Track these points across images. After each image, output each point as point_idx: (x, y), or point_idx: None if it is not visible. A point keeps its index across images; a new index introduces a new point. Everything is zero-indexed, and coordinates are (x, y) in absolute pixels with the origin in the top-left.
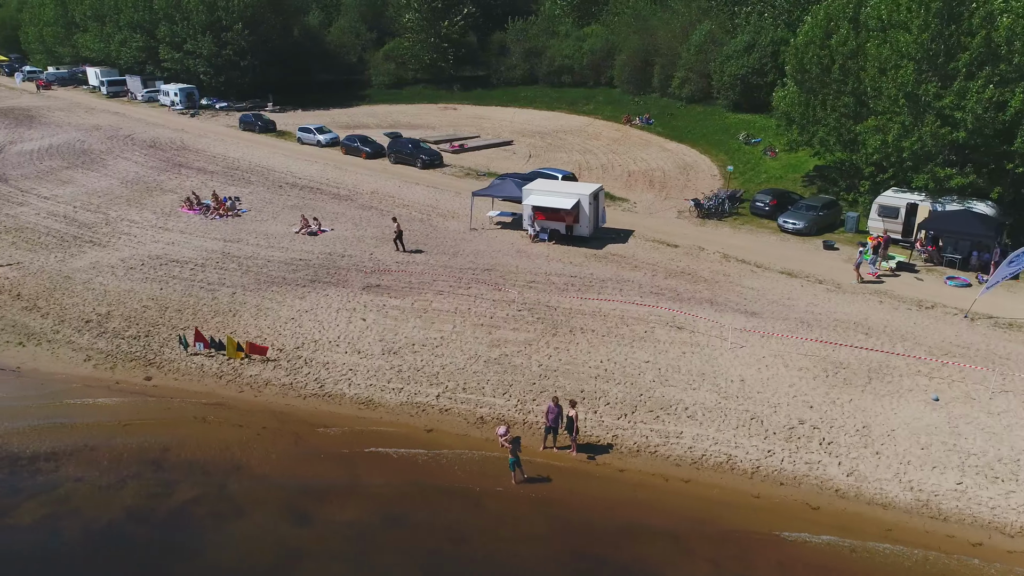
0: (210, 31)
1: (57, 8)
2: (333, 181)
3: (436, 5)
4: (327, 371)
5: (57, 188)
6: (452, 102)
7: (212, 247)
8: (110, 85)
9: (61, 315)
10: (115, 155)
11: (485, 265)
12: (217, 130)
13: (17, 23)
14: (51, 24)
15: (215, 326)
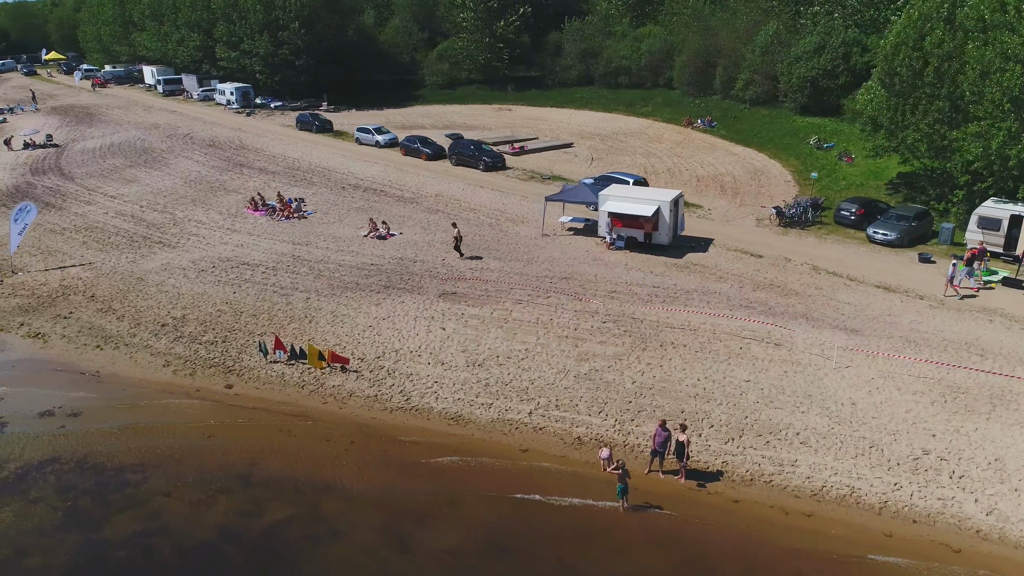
0: (267, 30)
1: (115, 7)
2: (396, 183)
3: (492, 5)
4: (412, 383)
5: (122, 187)
6: (506, 103)
7: (281, 250)
8: (166, 84)
9: (136, 318)
10: (176, 154)
11: (562, 273)
12: (274, 129)
13: (75, 22)
14: (109, 23)
15: (292, 333)
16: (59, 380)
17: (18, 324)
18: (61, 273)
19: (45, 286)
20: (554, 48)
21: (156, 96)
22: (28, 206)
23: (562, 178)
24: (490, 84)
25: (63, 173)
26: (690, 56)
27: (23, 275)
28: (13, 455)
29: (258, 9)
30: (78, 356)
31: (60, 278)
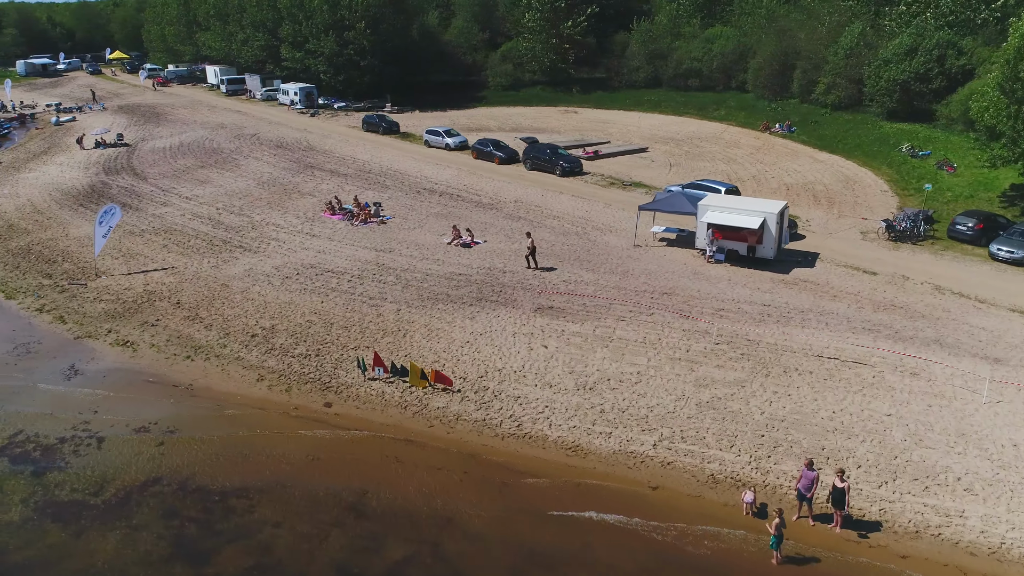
0: (332, 30)
1: (180, 7)
2: (471, 188)
3: (559, 5)
4: (521, 407)
5: (196, 188)
6: (571, 105)
7: (364, 257)
8: (229, 83)
9: (225, 327)
10: (245, 155)
11: (662, 287)
12: (339, 130)
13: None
14: (173, 23)
15: (386, 347)
16: (152, 393)
17: (106, 331)
18: (144, 277)
19: (129, 291)
20: (620, 49)
21: (219, 96)
22: (113, 209)
23: (643, 185)
24: (554, 86)
25: (136, 173)
26: (766, 58)
27: (107, 279)
28: (113, 475)
29: (324, 9)
30: (168, 367)
31: (144, 283)
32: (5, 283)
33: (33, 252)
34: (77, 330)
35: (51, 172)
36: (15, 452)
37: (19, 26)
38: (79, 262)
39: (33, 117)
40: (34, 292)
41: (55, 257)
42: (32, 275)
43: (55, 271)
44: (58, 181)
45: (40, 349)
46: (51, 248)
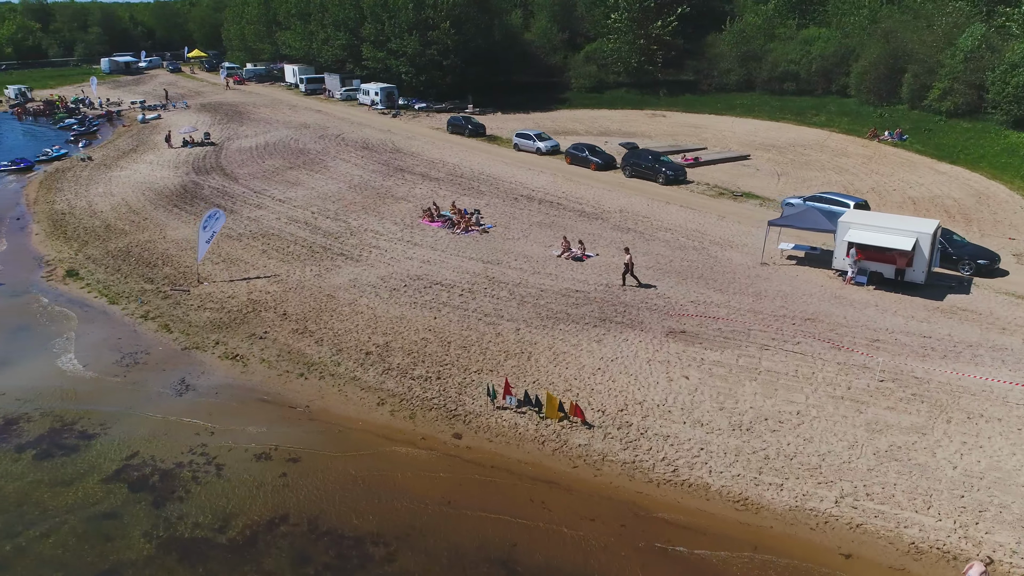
0: (416, 30)
1: (260, 6)
2: (571, 195)
3: (648, 5)
4: (673, 449)
5: (287, 190)
6: (657, 108)
7: (472, 269)
8: (308, 83)
9: (336, 343)
10: (332, 156)
11: (802, 312)
12: (423, 132)
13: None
14: (253, 22)
15: (511, 372)
16: (268, 414)
17: (213, 342)
18: (247, 285)
19: (233, 299)
20: (710, 51)
21: (298, 95)
22: (217, 213)
23: (754, 195)
24: (639, 88)
25: (226, 173)
26: (871, 61)
27: (209, 285)
28: (237, 509)
29: (409, 8)
30: (282, 385)
31: (247, 291)
32: (108, 287)
33: (132, 254)
34: (184, 340)
35: (142, 171)
36: (133, 477)
37: (103, 25)
38: (179, 266)
39: (119, 114)
40: (137, 297)
41: (155, 260)
42: (133, 279)
43: (156, 275)
44: (150, 180)
45: (148, 360)
46: (150, 251)
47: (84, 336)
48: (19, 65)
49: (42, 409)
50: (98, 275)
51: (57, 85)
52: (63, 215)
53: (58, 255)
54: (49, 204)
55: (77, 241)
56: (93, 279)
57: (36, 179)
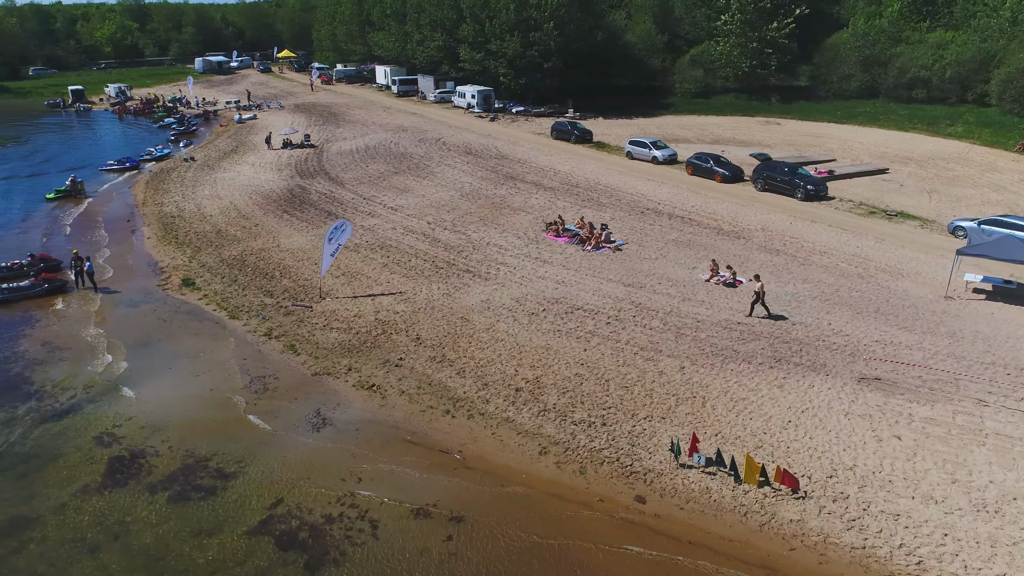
0: (518, 31)
1: (354, 7)
2: (701, 210)
3: (764, 5)
4: (909, 533)
5: (397, 197)
6: (769, 115)
7: (614, 292)
8: (401, 84)
9: (480, 375)
10: (436, 161)
11: (1016, 360)
12: (526, 137)
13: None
14: (346, 22)
15: (685, 420)
16: (417, 458)
17: (345, 368)
18: (373, 303)
19: (360, 319)
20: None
21: (390, 96)
22: (344, 225)
23: (909, 215)
24: (748, 94)
25: (331, 177)
26: (1019, 68)
27: (332, 301)
28: None
29: (510, 9)
30: (428, 424)
31: (374, 309)
32: (226, 299)
33: (248, 264)
34: (313, 364)
35: (245, 173)
36: (279, 530)
37: (196, 25)
38: (298, 279)
39: (216, 114)
40: (259, 313)
41: (271, 271)
42: (252, 291)
43: (275, 288)
44: (255, 183)
45: (278, 386)
46: (265, 260)
47: (207, 354)
48: (117, 64)
49: (170, 441)
50: (215, 285)
51: (154, 84)
52: (173, 218)
53: (171, 262)
54: (158, 206)
55: (190, 247)
56: (210, 290)
57: (142, 179)
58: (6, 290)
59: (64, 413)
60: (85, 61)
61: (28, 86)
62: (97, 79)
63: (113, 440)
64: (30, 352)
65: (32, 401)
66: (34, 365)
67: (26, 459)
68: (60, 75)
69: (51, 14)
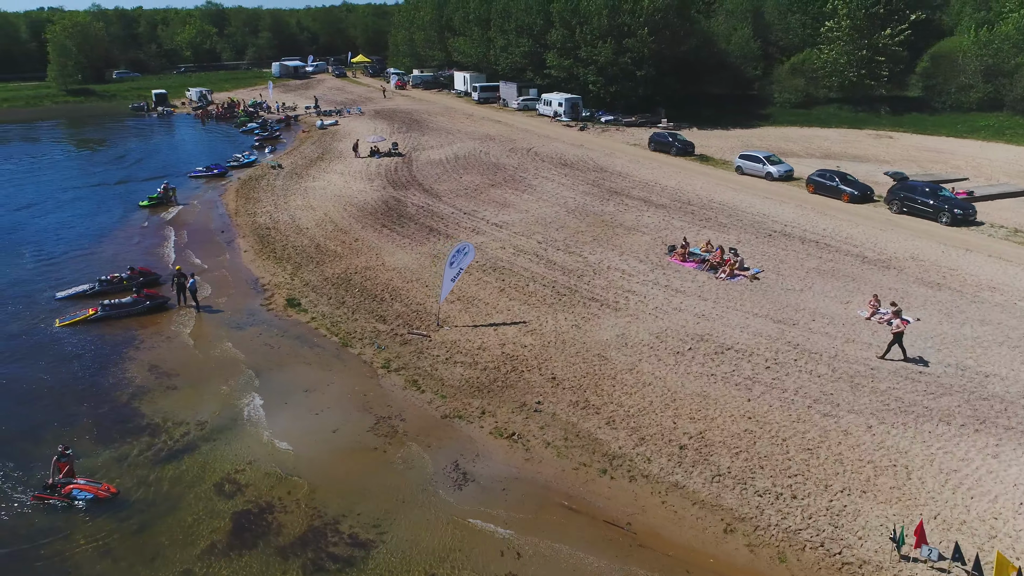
0: (611, 37)
1: (433, 12)
2: (837, 234)
3: (876, 11)
4: None
5: (499, 212)
6: (879, 128)
7: (764, 329)
8: (482, 91)
9: (634, 426)
10: (532, 173)
11: None
12: (620, 148)
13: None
14: (424, 28)
15: (891, 496)
16: (580, 530)
17: (478, 412)
18: (496, 334)
19: (485, 352)
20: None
21: (469, 103)
22: (467, 247)
23: None
24: (853, 104)
25: (425, 189)
26: None
27: (450, 330)
28: None
29: (603, 14)
30: (583, 485)
31: (498, 341)
32: (336, 324)
33: (354, 284)
34: (441, 404)
35: (335, 182)
36: None
37: (272, 29)
38: (409, 302)
39: (296, 119)
40: (373, 341)
41: (380, 293)
42: (362, 315)
43: (387, 313)
44: (346, 193)
45: (407, 429)
46: (372, 280)
47: (325, 387)
48: (195, 68)
49: (297, 494)
50: (322, 307)
51: (232, 88)
52: (268, 230)
53: (272, 278)
54: (251, 216)
55: (290, 263)
56: (317, 312)
57: (232, 187)
58: (108, 306)
59: (180, 453)
60: (165, 65)
61: (113, 89)
62: (178, 83)
63: (236, 490)
64: (137, 379)
65: (145, 437)
66: (143, 394)
67: (144, 508)
68: (142, 78)
69: (135, 18)
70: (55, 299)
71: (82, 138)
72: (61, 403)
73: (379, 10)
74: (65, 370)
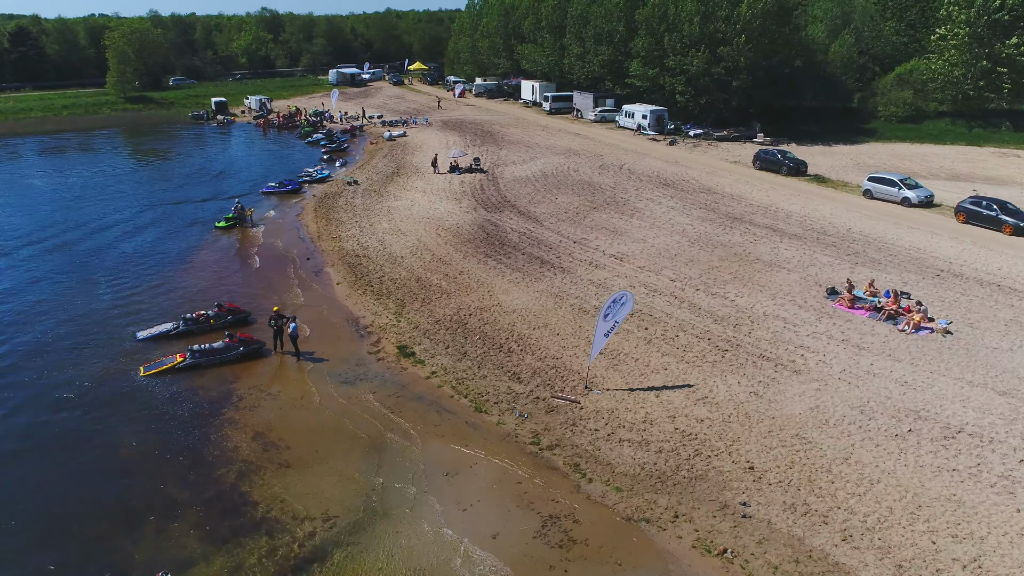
0: (703, 45)
1: (500, 18)
2: (1015, 274)
3: (1001, 18)
4: None
5: (613, 241)
6: (1002, 145)
7: (990, 404)
8: (554, 101)
9: (879, 544)
10: (634, 194)
11: None
12: (721, 166)
13: (435, 33)
14: (489, 35)
15: None
16: None
17: (668, 514)
18: (658, 401)
19: (652, 426)
20: None
21: (539, 113)
22: (624, 297)
23: None
24: (966, 119)
25: (520, 211)
26: None
27: (601, 394)
28: None
29: (695, 21)
30: None
31: (665, 412)
32: (463, 382)
33: (471, 329)
34: (618, 500)
35: (420, 202)
36: None
37: (327, 36)
38: (543, 355)
39: (362, 129)
40: (513, 406)
41: (505, 342)
42: (491, 370)
43: (520, 369)
44: (435, 214)
45: (584, 536)
46: (492, 325)
47: (468, 470)
48: (251, 75)
49: None
50: (440, 358)
51: (289, 96)
52: (358, 258)
53: (375, 319)
54: (336, 241)
55: (391, 299)
56: (437, 365)
57: (308, 205)
58: (197, 353)
59: (307, 563)
60: (220, 72)
61: (171, 96)
62: (235, 90)
63: None
64: (243, 450)
65: (262, 537)
66: (252, 474)
67: None
68: (198, 85)
69: (191, 24)
70: (136, 339)
71: (145, 148)
72: (156, 481)
73: (433, 16)
74: (155, 433)
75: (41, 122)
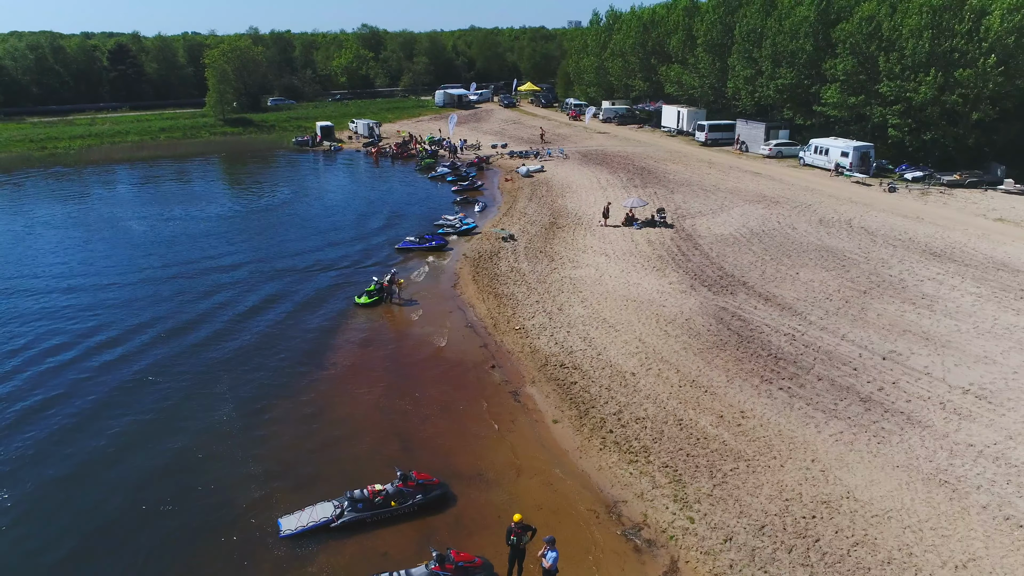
0: (934, 67)
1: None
2: None
3: None
4: None
5: (939, 358)
6: None
7: None
8: (711, 131)
9: None
10: (909, 272)
11: None
12: (978, 223)
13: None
14: (622, 54)
15: None
16: None
17: None
18: None
19: None
20: None
21: (689, 144)
22: None
23: None
24: None
25: (758, 293)
26: None
27: None
28: None
29: (923, 37)
30: None
31: None
32: None
33: (825, 550)
34: None
35: (607, 271)
36: None
37: (428, 54)
38: None
39: (488, 161)
40: None
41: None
42: None
43: None
44: (640, 295)
45: None
46: (866, 546)
47: None
48: (349, 95)
49: None
50: None
51: (395, 119)
52: (564, 368)
53: (642, 503)
54: (521, 336)
55: (654, 463)
56: None
57: (463, 271)
58: None
59: None
60: (319, 91)
61: (271, 119)
62: (336, 112)
63: None
64: None
65: None
66: None
67: None
68: (297, 106)
69: (289, 42)
70: (279, 535)
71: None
72: None
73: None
74: None
75: (138, 147)
